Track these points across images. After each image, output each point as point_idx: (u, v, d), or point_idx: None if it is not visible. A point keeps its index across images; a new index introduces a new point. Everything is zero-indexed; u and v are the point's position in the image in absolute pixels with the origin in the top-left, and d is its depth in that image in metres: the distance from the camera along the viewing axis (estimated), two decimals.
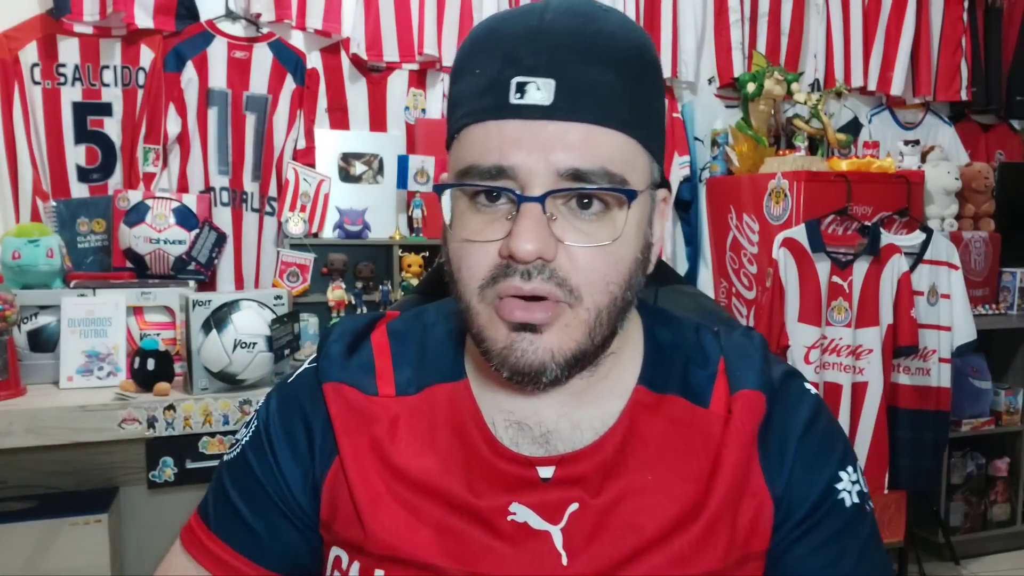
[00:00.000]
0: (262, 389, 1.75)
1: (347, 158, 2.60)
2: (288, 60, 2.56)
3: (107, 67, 2.39)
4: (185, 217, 2.26)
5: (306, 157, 2.58)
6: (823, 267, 2.39)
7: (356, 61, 2.65)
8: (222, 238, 2.34)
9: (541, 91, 0.54)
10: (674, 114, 2.96)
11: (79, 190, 2.40)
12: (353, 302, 2.48)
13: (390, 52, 2.65)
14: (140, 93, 2.41)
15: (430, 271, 0.91)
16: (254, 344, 1.68)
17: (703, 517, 0.59)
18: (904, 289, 2.42)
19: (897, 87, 3.28)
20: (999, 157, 3.52)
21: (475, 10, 2.68)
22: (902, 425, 2.54)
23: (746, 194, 2.67)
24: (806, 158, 2.60)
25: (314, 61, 2.62)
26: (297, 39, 2.60)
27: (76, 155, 2.40)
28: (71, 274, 2.03)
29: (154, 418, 1.65)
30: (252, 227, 2.57)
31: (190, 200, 2.31)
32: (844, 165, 2.59)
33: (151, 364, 1.73)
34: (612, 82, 0.56)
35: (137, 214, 2.21)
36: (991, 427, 2.93)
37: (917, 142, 2.97)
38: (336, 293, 2.46)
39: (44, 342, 1.85)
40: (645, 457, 0.61)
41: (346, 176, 2.59)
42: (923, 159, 3.03)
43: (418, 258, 2.53)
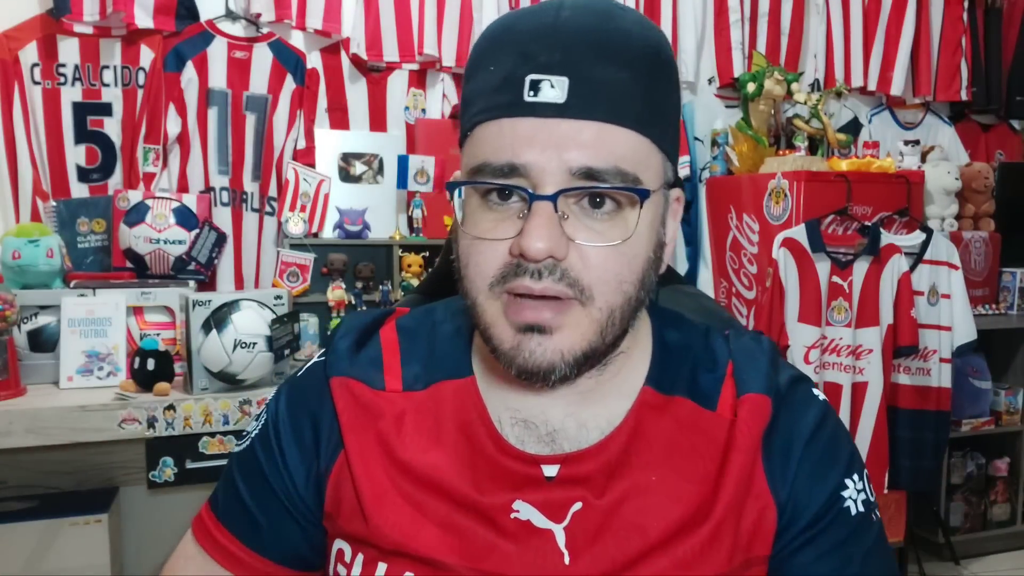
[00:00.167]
0: (262, 389, 1.75)
1: (347, 158, 2.60)
2: (288, 60, 2.56)
3: (107, 67, 2.39)
4: (185, 217, 2.26)
5: (306, 157, 2.58)
6: (823, 267, 2.39)
7: (356, 61, 2.65)
8: (222, 238, 2.33)
9: (555, 89, 0.54)
10: None
11: (79, 190, 2.40)
12: (353, 302, 2.48)
13: (390, 52, 2.65)
14: (140, 93, 2.41)
15: (431, 271, 0.91)
16: (254, 344, 1.68)
17: (709, 520, 0.59)
18: (904, 289, 2.41)
19: (897, 87, 3.28)
20: (999, 157, 3.52)
21: (475, 10, 2.68)
22: (902, 425, 2.53)
23: (746, 194, 2.67)
24: (806, 158, 2.60)
25: (314, 61, 2.62)
26: (297, 39, 2.60)
27: (76, 155, 2.40)
28: (71, 274, 2.03)
29: (154, 418, 1.65)
30: (252, 227, 2.56)
31: (190, 200, 2.31)
32: (844, 165, 2.59)
33: (151, 364, 1.73)
34: (626, 80, 0.55)
35: (137, 214, 2.21)
36: (991, 427, 2.93)
37: (917, 142, 2.97)
38: (336, 293, 2.46)
39: (44, 342, 1.85)
40: (650, 458, 0.61)
41: (346, 176, 2.59)
42: (923, 159, 3.02)
43: (418, 258, 2.52)
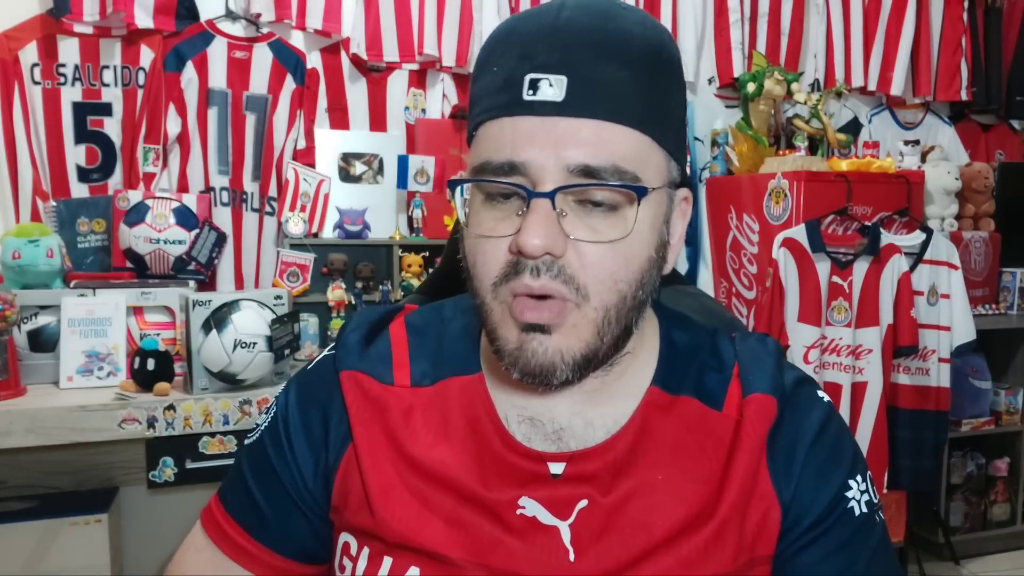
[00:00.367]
0: (262, 389, 1.75)
1: (347, 158, 2.60)
2: (288, 60, 2.56)
3: (107, 67, 2.39)
4: (185, 217, 2.26)
5: (306, 157, 2.58)
6: (823, 267, 2.39)
7: (356, 61, 2.65)
8: (222, 238, 2.33)
9: (553, 87, 0.54)
10: None
11: (79, 190, 2.40)
12: (353, 302, 2.48)
13: (390, 52, 2.65)
14: (140, 93, 2.41)
15: (433, 272, 0.91)
16: (254, 344, 1.68)
17: (713, 520, 0.59)
18: (904, 289, 2.42)
19: (897, 87, 3.28)
20: (999, 157, 3.52)
21: (475, 10, 2.68)
22: (902, 425, 2.54)
23: (746, 194, 2.67)
24: (806, 158, 2.60)
25: (314, 61, 2.62)
26: (297, 39, 2.60)
27: (76, 155, 2.40)
28: (71, 274, 2.03)
29: (154, 418, 1.65)
30: (252, 227, 2.56)
31: (190, 200, 2.31)
32: (844, 165, 2.59)
33: (151, 364, 1.73)
34: (626, 79, 0.55)
35: (137, 214, 2.21)
36: (991, 427, 2.93)
37: (917, 142, 2.97)
38: (336, 293, 2.46)
39: (44, 342, 1.85)
40: (656, 457, 0.61)
41: (346, 176, 2.59)
42: (923, 159, 3.02)
43: (418, 258, 2.52)
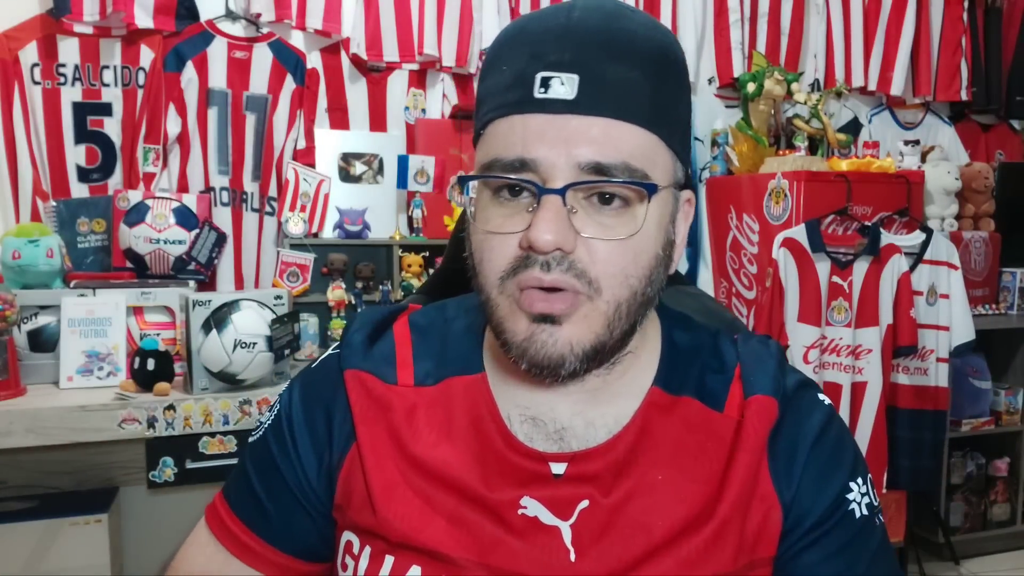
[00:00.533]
0: (262, 389, 1.75)
1: (347, 158, 2.60)
2: (288, 60, 2.56)
3: (107, 67, 2.39)
4: (185, 217, 2.26)
5: (306, 157, 2.58)
6: (823, 267, 2.39)
7: (356, 61, 2.65)
8: (222, 238, 2.33)
9: (565, 86, 0.55)
10: None
11: (79, 190, 2.40)
12: (353, 302, 2.48)
13: (390, 52, 2.65)
14: (140, 93, 2.41)
15: (434, 273, 0.91)
16: (254, 344, 1.68)
17: (713, 520, 0.60)
18: (904, 289, 2.42)
19: (897, 87, 3.28)
20: (999, 157, 3.52)
21: (475, 10, 2.68)
22: (901, 425, 2.54)
23: (746, 194, 2.67)
24: (806, 158, 2.60)
25: (314, 61, 2.62)
26: (297, 39, 2.60)
27: (76, 155, 2.40)
28: (71, 274, 2.03)
29: (154, 418, 1.65)
30: (252, 227, 2.57)
31: (190, 200, 2.31)
32: (844, 165, 2.59)
33: (151, 364, 1.73)
34: (636, 79, 0.56)
35: (137, 214, 2.21)
36: (991, 427, 2.93)
37: (917, 142, 2.97)
38: (336, 293, 2.46)
39: (44, 342, 1.85)
40: (657, 458, 0.62)
41: (346, 176, 2.60)
42: (923, 159, 3.02)
43: (418, 258, 2.52)
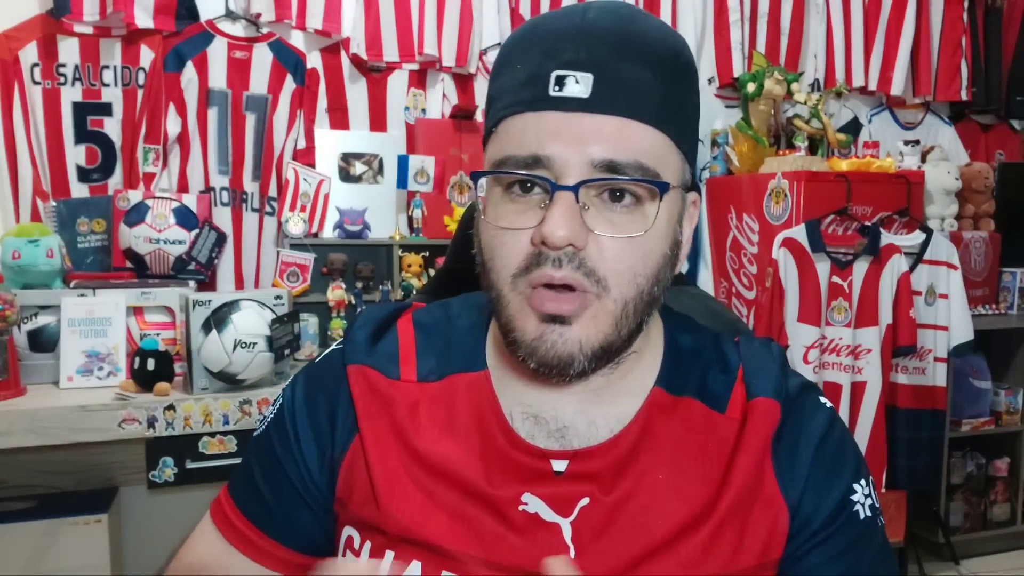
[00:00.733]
0: (262, 389, 1.75)
1: (347, 158, 2.60)
2: (288, 60, 2.56)
3: (107, 67, 2.39)
4: (185, 217, 2.26)
5: (306, 157, 2.58)
6: (823, 267, 2.39)
7: (356, 61, 2.65)
8: (222, 238, 2.33)
9: (579, 84, 0.56)
10: None
11: (79, 190, 2.40)
12: (353, 302, 2.48)
13: (390, 52, 2.65)
14: (140, 93, 2.41)
15: (436, 273, 0.92)
16: (254, 344, 1.68)
17: (713, 520, 0.60)
18: (904, 289, 2.42)
19: (897, 87, 3.28)
20: (999, 157, 3.52)
21: (475, 10, 2.68)
22: (900, 424, 2.54)
23: (746, 194, 2.67)
24: (806, 158, 2.60)
25: (314, 61, 2.62)
26: (297, 39, 2.60)
27: (76, 155, 2.40)
28: (71, 274, 2.03)
29: (154, 418, 1.65)
30: (252, 227, 2.57)
31: (190, 200, 2.31)
32: (844, 165, 2.59)
33: (151, 364, 1.74)
34: (648, 79, 0.57)
35: (137, 214, 2.21)
36: (991, 427, 2.93)
37: (917, 142, 2.97)
38: (336, 293, 2.46)
39: (44, 342, 1.85)
40: (658, 457, 0.62)
41: (346, 176, 2.60)
42: (923, 159, 3.02)
43: (418, 258, 2.53)
